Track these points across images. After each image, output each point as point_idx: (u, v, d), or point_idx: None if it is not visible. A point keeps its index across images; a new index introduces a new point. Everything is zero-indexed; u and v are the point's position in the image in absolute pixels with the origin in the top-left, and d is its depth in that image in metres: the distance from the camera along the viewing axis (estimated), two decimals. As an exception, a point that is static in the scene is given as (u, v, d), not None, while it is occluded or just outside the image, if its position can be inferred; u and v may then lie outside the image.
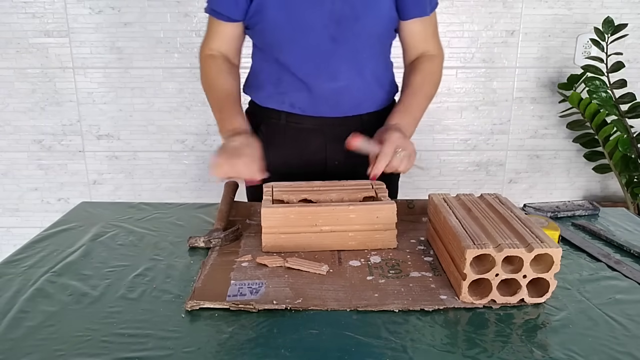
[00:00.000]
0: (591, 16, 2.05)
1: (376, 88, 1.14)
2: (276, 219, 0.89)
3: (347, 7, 1.02)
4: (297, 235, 0.90)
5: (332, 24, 1.03)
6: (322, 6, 1.01)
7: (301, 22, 1.02)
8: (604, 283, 0.81)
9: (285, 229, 0.90)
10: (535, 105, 2.18)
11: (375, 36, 1.08)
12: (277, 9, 1.02)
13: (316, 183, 1.02)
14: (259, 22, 1.05)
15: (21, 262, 0.88)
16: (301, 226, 0.89)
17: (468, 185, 2.27)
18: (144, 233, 1.00)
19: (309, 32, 1.03)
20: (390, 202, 0.91)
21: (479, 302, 0.73)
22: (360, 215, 0.90)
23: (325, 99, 1.10)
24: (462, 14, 2.05)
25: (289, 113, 1.13)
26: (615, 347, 0.65)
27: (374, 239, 0.91)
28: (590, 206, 1.12)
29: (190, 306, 0.73)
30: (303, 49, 1.05)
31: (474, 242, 0.73)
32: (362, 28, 1.04)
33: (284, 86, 1.11)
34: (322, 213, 0.89)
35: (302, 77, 1.08)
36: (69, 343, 0.66)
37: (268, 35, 1.07)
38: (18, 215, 2.29)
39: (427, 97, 1.12)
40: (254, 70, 1.17)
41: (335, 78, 1.08)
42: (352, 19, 1.02)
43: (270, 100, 1.14)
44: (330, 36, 1.04)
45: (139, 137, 2.18)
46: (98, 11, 2.02)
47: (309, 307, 0.73)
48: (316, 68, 1.07)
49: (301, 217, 0.89)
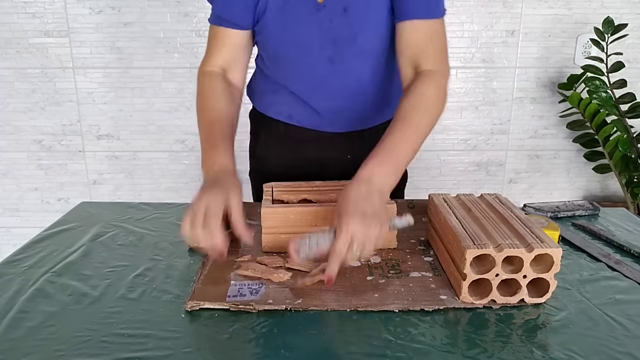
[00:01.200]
0: (591, 16, 2.05)
1: (380, 104, 1.09)
2: (276, 219, 0.89)
3: (345, 27, 0.97)
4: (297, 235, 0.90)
5: (329, 44, 0.98)
6: (320, 25, 0.97)
7: (298, 41, 0.98)
8: (604, 283, 0.81)
9: (285, 229, 0.89)
10: (535, 105, 2.18)
11: (374, 54, 1.02)
12: (274, 25, 0.98)
13: (316, 183, 1.02)
14: (259, 33, 1.01)
15: (21, 262, 0.88)
16: (301, 226, 0.89)
17: (468, 185, 2.27)
18: (144, 233, 1.00)
19: (305, 53, 1.00)
20: (390, 202, 0.91)
21: (479, 302, 0.73)
22: None
23: (323, 116, 1.07)
24: (462, 14, 2.05)
25: (287, 124, 1.11)
26: (615, 348, 0.65)
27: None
28: (591, 206, 1.12)
29: (190, 306, 0.73)
30: (300, 68, 1.02)
31: (474, 242, 0.73)
32: (360, 48, 0.99)
33: (282, 98, 1.09)
34: (322, 213, 0.89)
35: (300, 94, 1.06)
36: (68, 343, 0.66)
37: (268, 49, 1.04)
38: (18, 215, 2.29)
39: (419, 131, 0.89)
40: (256, 75, 1.15)
41: (334, 97, 1.04)
42: (349, 39, 0.98)
43: (269, 109, 1.13)
44: (327, 57, 1.00)
45: (139, 137, 2.18)
46: (98, 11, 2.02)
47: (309, 307, 0.73)
48: (314, 88, 1.04)
49: (301, 217, 0.89)
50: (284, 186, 1.00)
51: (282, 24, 0.97)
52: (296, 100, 1.07)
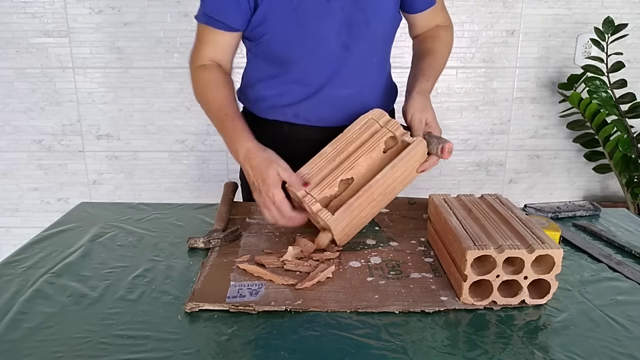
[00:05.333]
0: (591, 16, 2.05)
1: (383, 92, 1.14)
2: (344, 220, 0.89)
3: (358, 12, 1.00)
4: (360, 218, 0.92)
5: (344, 30, 1.01)
6: (334, 14, 0.99)
7: (313, 32, 0.99)
8: (605, 284, 0.80)
9: (351, 220, 0.91)
10: (535, 105, 2.17)
11: (382, 39, 1.08)
12: (286, 20, 0.98)
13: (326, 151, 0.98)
14: (265, 33, 1.00)
15: (20, 262, 0.88)
16: (362, 210, 0.91)
17: (468, 185, 2.27)
18: (144, 234, 1.00)
19: (322, 42, 1.01)
20: (418, 139, 0.95)
21: (480, 304, 0.73)
22: (403, 169, 0.93)
23: (334, 107, 1.08)
24: (462, 14, 2.05)
25: (292, 124, 1.11)
26: (616, 349, 0.65)
27: (413, 171, 0.97)
28: (591, 207, 1.11)
29: (189, 308, 0.72)
30: (315, 58, 1.03)
31: (475, 243, 0.72)
32: (372, 32, 1.03)
33: (289, 97, 1.08)
34: (375, 189, 0.91)
35: (312, 86, 1.06)
36: (67, 345, 0.66)
37: (276, 47, 1.02)
38: (18, 215, 2.28)
39: (445, 62, 1.15)
40: (250, 81, 1.13)
41: (347, 85, 1.06)
42: (363, 24, 1.01)
43: (271, 112, 1.12)
44: (342, 43, 1.02)
45: (139, 137, 2.18)
46: (98, 11, 2.02)
47: (309, 308, 0.73)
48: (328, 76, 1.05)
49: (359, 205, 0.90)
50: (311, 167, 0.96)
51: (294, 21, 0.98)
52: (306, 95, 1.07)
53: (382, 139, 0.97)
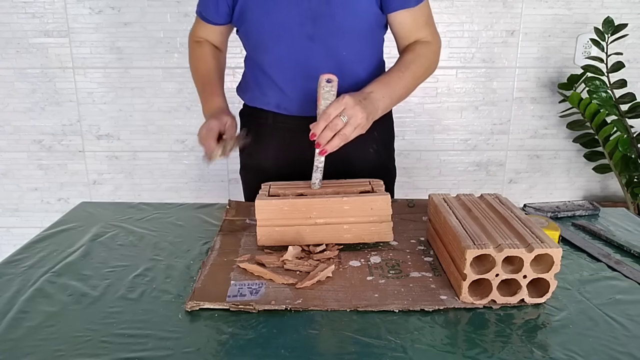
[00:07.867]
0: (591, 16, 2.05)
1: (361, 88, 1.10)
2: (270, 211, 0.89)
3: (323, 5, 1.02)
4: (291, 228, 0.90)
5: (308, 21, 1.03)
6: (298, 5, 1.02)
7: (279, 21, 1.04)
8: (604, 283, 0.81)
9: (280, 222, 0.90)
10: (535, 105, 2.18)
11: (354, 33, 1.06)
12: (257, 10, 1.04)
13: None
14: (242, 24, 1.09)
15: (21, 262, 0.88)
16: (295, 218, 0.89)
17: (468, 185, 2.27)
18: (144, 233, 1.00)
19: (286, 31, 1.04)
20: (384, 193, 0.91)
21: (479, 303, 0.73)
22: (355, 207, 0.89)
23: (306, 99, 1.09)
24: (462, 14, 2.05)
25: (275, 113, 1.15)
26: (615, 348, 0.65)
27: (370, 231, 0.91)
28: (591, 206, 1.11)
29: (190, 307, 0.73)
30: (282, 49, 1.06)
31: (474, 243, 0.72)
32: (338, 25, 1.03)
33: (268, 87, 1.13)
34: (315, 205, 0.89)
35: (282, 77, 1.10)
36: (68, 343, 0.66)
37: (251, 37, 1.10)
38: (18, 215, 2.29)
39: (414, 76, 1.05)
40: (244, 72, 1.21)
41: (315, 78, 1.05)
42: (327, 17, 1.02)
43: (257, 101, 1.17)
44: (307, 35, 1.04)
45: (139, 137, 2.18)
46: (98, 11, 2.02)
47: (309, 307, 0.73)
48: (295, 68, 1.07)
49: (295, 209, 0.89)
50: (280, 184, 1.00)
51: (262, 8, 1.04)
52: (281, 85, 1.11)
53: (360, 187, 0.96)
